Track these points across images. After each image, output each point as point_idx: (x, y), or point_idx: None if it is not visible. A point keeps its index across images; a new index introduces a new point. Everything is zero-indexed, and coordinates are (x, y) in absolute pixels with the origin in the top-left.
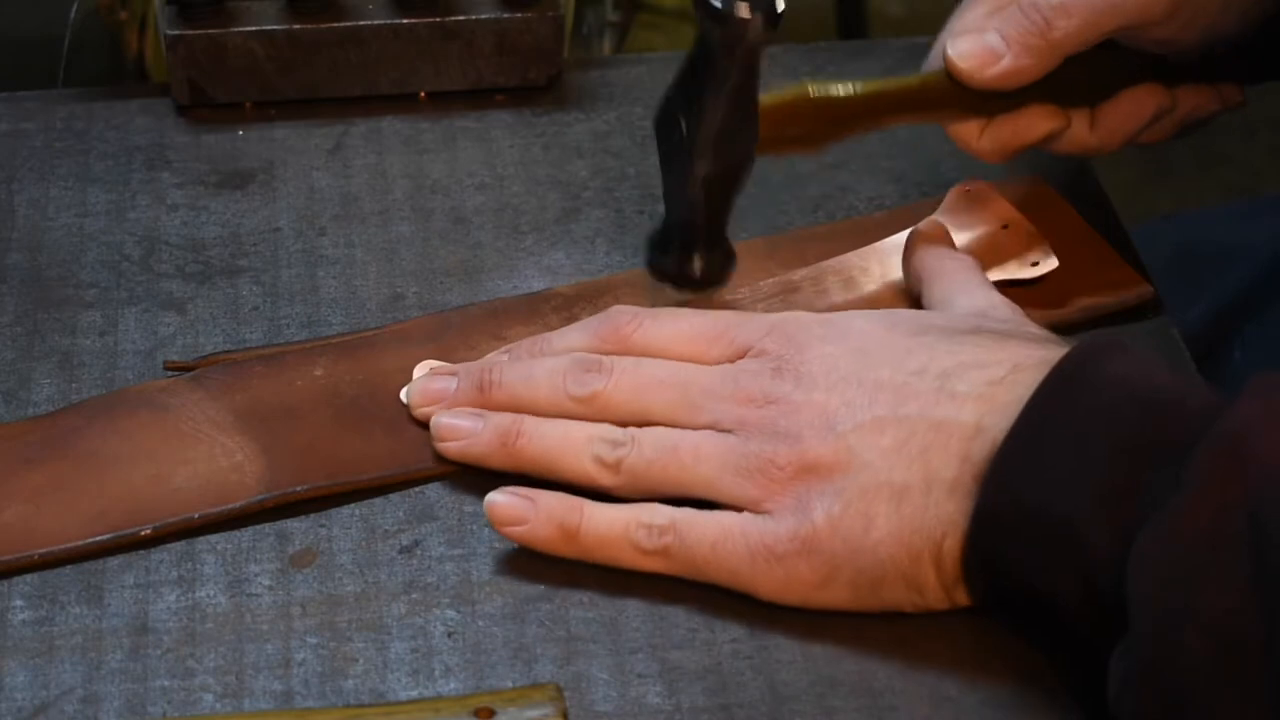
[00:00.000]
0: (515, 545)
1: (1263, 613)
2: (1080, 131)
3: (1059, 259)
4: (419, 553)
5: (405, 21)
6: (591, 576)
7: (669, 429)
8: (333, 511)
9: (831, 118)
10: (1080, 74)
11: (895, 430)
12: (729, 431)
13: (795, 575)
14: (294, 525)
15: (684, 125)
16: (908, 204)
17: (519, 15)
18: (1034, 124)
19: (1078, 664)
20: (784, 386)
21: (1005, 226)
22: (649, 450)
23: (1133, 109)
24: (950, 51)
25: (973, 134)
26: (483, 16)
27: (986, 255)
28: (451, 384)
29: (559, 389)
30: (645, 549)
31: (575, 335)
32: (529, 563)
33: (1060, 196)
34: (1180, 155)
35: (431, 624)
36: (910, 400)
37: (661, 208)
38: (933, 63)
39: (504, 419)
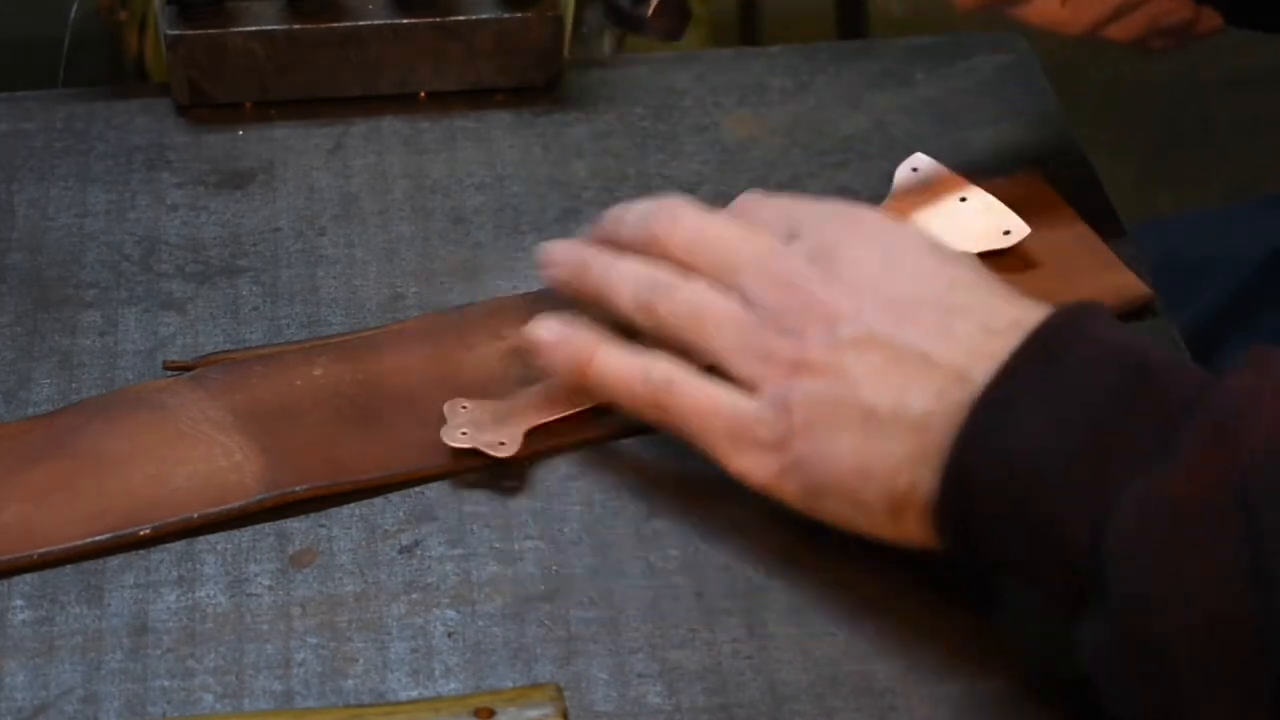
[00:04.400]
0: (515, 545)
1: (1252, 597)
2: (1050, 2)
3: (1057, 259)
4: (419, 553)
5: (405, 21)
6: (591, 576)
7: (707, 288)
8: (333, 511)
9: None
10: None
11: (886, 352)
12: (751, 305)
13: (762, 461)
14: (294, 525)
15: None
16: None
17: (519, 15)
18: None
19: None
20: (809, 275)
21: (963, 199)
22: (681, 305)
23: None
24: None
25: None
26: (483, 16)
27: (951, 231)
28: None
29: (634, 226)
30: (640, 397)
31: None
32: (529, 563)
33: (1058, 196)
34: (1181, 155)
35: (431, 624)
36: (910, 326)
37: None
38: None
39: (589, 250)
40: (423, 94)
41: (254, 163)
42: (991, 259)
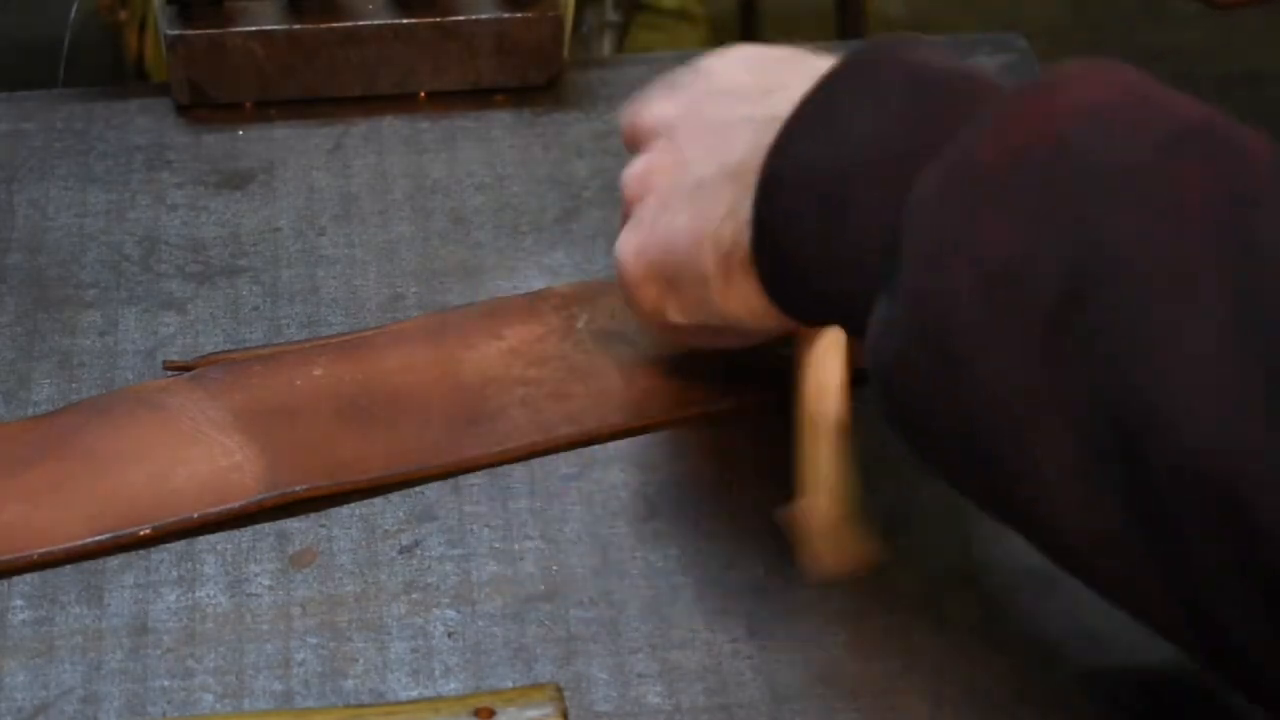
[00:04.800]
0: (515, 545)
1: (1040, 236)
2: None
3: None
4: (419, 553)
5: (405, 21)
6: (591, 576)
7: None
8: (333, 511)
9: None
10: None
11: (715, 132)
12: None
13: (645, 294)
14: (294, 525)
15: None
16: None
17: (519, 15)
18: None
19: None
20: (679, 118)
21: None
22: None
23: None
24: None
25: None
26: (483, 16)
27: None
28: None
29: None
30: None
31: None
32: (529, 563)
33: None
34: None
35: (431, 624)
36: (739, 105)
37: None
38: None
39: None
40: (423, 94)
41: (254, 163)
42: None
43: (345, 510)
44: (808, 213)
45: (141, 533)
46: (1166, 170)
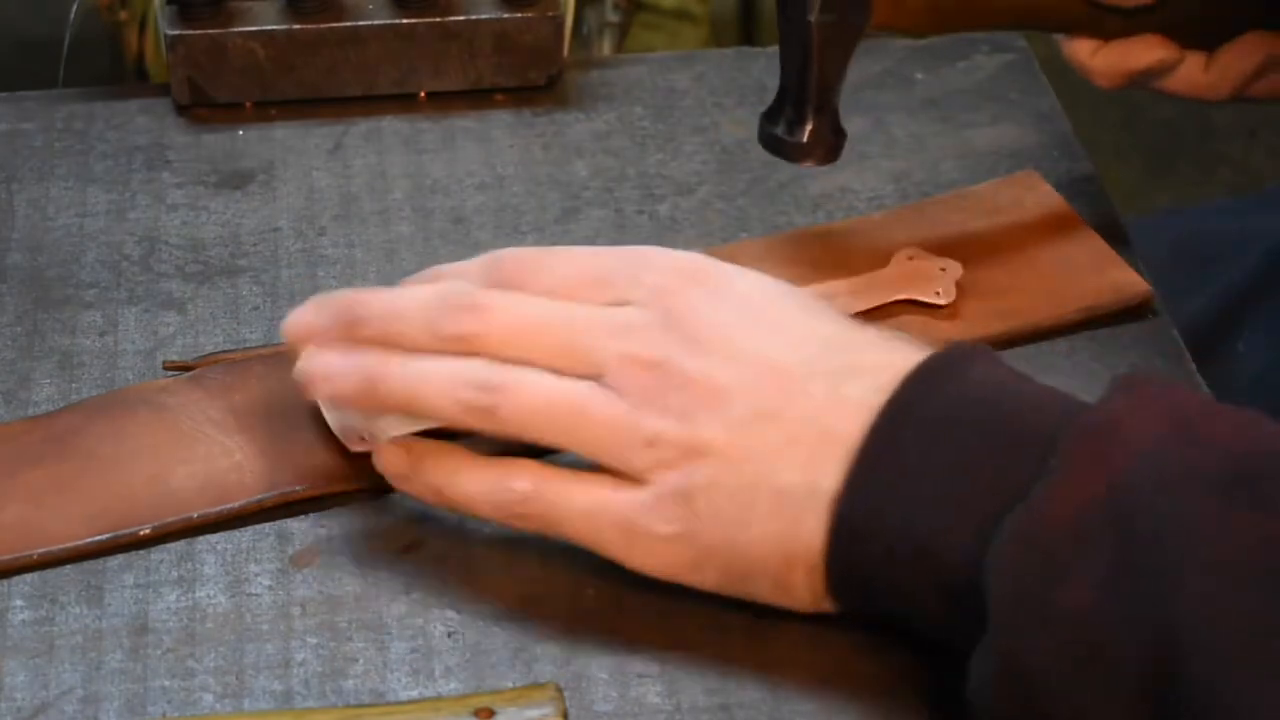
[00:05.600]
0: (515, 545)
1: (1118, 608)
2: (1194, 70)
3: (1057, 259)
4: (419, 553)
5: (405, 21)
6: (592, 576)
7: (550, 376)
8: (333, 511)
9: (948, 3)
10: (1198, 8)
11: (784, 428)
12: (614, 391)
13: (669, 556)
14: (294, 525)
15: None
16: (907, 204)
17: (519, 15)
18: (1148, 51)
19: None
20: (672, 348)
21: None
22: (526, 402)
23: (1247, 53)
24: None
25: (1086, 51)
26: (483, 16)
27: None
28: (318, 317)
29: (429, 324)
30: (508, 510)
31: (464, 269)
32: (529, 563)
33: (1058, 196)
34: (1181, 156)
35: (431, 624)
36: (801, 399)
37: (662, 207)
38: None
39: (369, 357)
40: (423, 94)
41: (254, 163)
42: (991, 260)
43: (345, 510)
44: (889, 564)
45: (141, 533)
46: (1226, 525)
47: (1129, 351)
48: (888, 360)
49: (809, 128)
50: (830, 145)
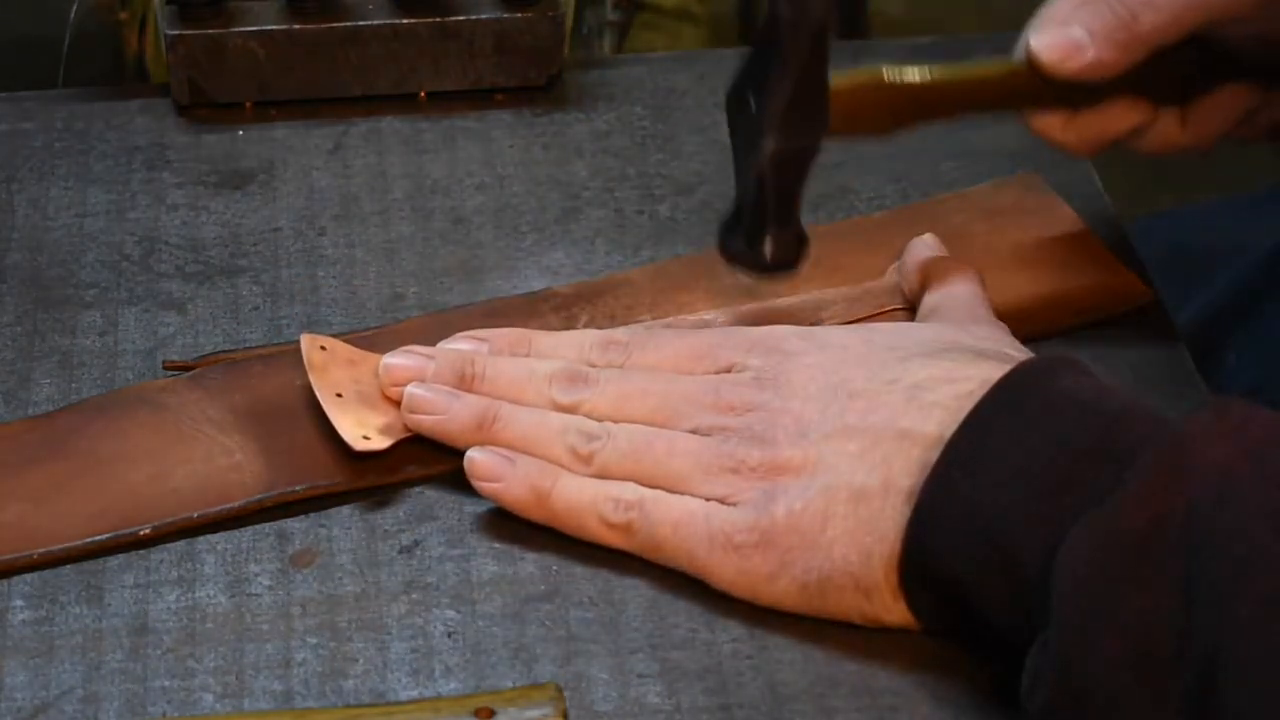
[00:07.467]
0: (515, 545)
1: (1180, 621)
2: (1170, 128)
3: (1056, 261)
4: (419, 553)
5: (405, 21)
6: (591, 576)
7: (646, 427)
8: (333, 511)
9: (905, 104)
10: (1168, 70)
11: (862, 437)
12: (707, 432)
13: (749, 565)
14: (294, 525)
15: (753, 103)
16: (908, 204)
17: (519, 15)
18: (1120, 117)
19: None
20: (764, 395)
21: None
22: (624, 443)
23: (1223, 105)
24: (1033, 43)
25: (1056, 126)
26: (483, 16)
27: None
28: (429, 365)
29: (543, 393)
30: (610, 522)
31: (565, 347)
32: (529, 563)
33: (1058, 196)
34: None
35: (431, 624)
36: (879, 409)
37: (662, 207)
38: (1017, 54)
39: (482, 401)
40: (423, 94)
41: (254, 163)
42: (991, 261)
43: (345, 510)
44: (963, 548)
45: (141, 533)
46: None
47: (1129, 352)
48: (972, 372)
49: (769, 244)
50: (794, 256)
